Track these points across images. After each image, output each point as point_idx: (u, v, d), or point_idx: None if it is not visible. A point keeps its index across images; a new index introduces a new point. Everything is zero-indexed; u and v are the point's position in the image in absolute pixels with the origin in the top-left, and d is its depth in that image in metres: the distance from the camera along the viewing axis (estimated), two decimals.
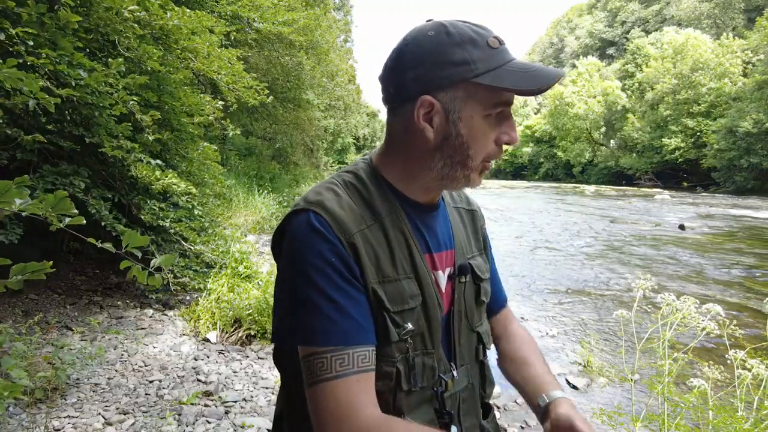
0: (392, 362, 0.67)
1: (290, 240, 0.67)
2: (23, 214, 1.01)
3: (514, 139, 0.70)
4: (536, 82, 0.64)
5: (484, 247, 0.89)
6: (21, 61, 2.25)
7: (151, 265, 1.14)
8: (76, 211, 1.07)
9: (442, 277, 0.76)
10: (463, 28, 0.66)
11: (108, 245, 1.26)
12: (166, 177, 3.25)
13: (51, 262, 0.98)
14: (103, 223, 3.00)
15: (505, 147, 0.71)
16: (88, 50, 3.15)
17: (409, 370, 0.68)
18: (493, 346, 0.88)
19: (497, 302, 0.93)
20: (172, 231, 3.56)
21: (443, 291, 0.75)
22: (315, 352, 0.62)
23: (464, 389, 0.77)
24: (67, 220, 1.08)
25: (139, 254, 1.12)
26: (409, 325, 0.67)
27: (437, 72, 0.65)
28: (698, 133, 30.45)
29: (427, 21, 0.71)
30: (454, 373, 0.74)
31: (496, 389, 2.87)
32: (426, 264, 0.72)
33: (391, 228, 0.70)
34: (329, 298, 0.63)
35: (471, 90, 0.66)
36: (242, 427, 2.31)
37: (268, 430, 2.33)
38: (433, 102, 0.66)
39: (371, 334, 0.65)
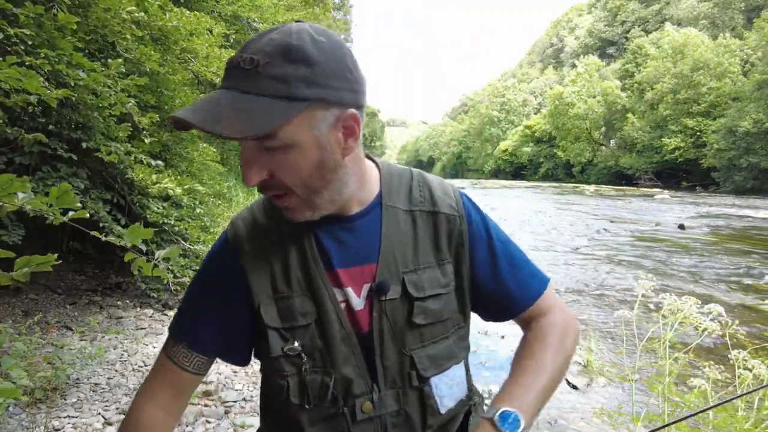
0: (283, 376, 0.70)
1: None
2: (27, 208, 1.01)
3: (244, 178, 0.62)
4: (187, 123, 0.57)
5: (458, 253, 0.76)
6: (19, 60, 2.25)
7: (156, 257, 1.15)
8: (79, 204, 1.08)
9: (353, 295, 0.71)
10: None
11: (112, 238, 1.28)
12: (162, 181, 3.25)
13: (56, 255, 0.98)
14: (101, 224, 3.01)
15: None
16: (87, 51, 3.15)
17: (300, 385, 0.69)
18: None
19: (515, 306, 0.80)
20: (176, 230, 3.57)
21: (357, 308, 0.71)
22: (168, 334, 0.75)
23: (394, 415, 0.71)
24: (71, 213, 1.09)
25: (144, 248, 1.13)
26: (296, 343, 0.68)
27: None
28: (698, 133, 30.47)
29: None
30: (374, 395, 0.70)
31: (496, 389, 2.87)
32: (326, 281, 0.69)
33: (291, 243, 0.71)
34: (191, 299, 0.75)
35: None
36: (242, 427, 2.30)
37: None
38: None
39: (207, 345, 0.73)
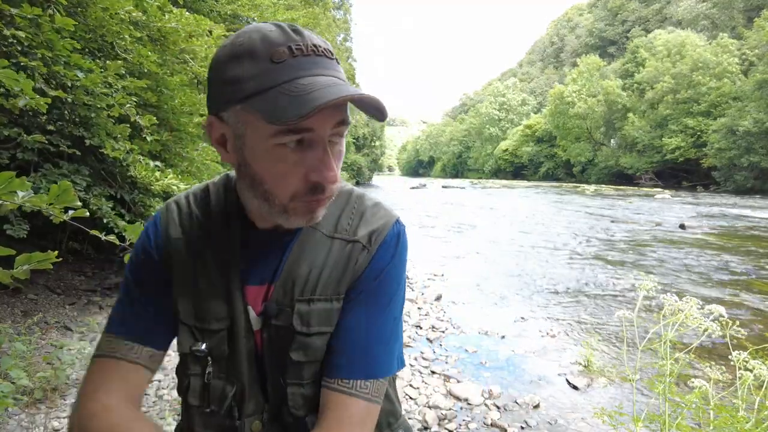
0: (186, 374, 0.68)
1: None
2: (26, 205, 1.00)
3: (325, 178, 0.56)
4: (298, 109, 0.50)
5: (350, 291, 0.69)
6: (15, 61, 2.25)
7: None
8: (79, 203, 1.08)
9: (253, 314, 0.68)
10: (250, 36, 0.55)
11: (112, 237, 1.28)
12: (166, 177, 3.24)
13: (56, 252, 0.98)
14: (105, 220, 2.99)
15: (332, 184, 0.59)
16: (87, 51, 3.15)
17: (201, 388, 0.68)
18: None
19: (332, 370, 0.67)
20: None
21: (255, 328, 0.69)
22: (104, 333, 0.69)
23: None
24: (71, 212, 1.09)
25: None
26: (203, 346, 0.66)
27: (216, 91, 0.58)
28: (698, 133, 30.50)
29: None
30: (265, 416, 0.69)
31: (496, 389, 2.86)
32: (242, 293, 0.67)
33: (217, 248, 0.68)
34: (126, 291, 0.70)
35: (245, 114, 0.55)
36: None
37: None
38: (216, 122, 0.60)
39: (150, 335, 0.68)
